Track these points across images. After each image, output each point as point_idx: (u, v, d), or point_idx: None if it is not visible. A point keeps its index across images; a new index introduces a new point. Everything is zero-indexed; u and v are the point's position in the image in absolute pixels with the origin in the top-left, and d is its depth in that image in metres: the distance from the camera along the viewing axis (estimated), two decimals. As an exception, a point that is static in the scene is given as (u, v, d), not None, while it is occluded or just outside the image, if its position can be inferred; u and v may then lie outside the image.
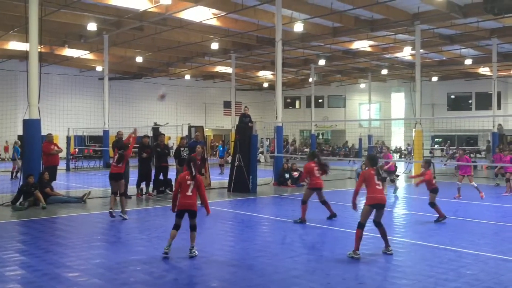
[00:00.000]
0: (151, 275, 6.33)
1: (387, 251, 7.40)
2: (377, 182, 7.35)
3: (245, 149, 15.80)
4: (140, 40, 26.38)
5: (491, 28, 24.70)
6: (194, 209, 7.24)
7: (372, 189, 7.34)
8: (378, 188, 7.36)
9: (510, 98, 41.95)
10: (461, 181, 14.34)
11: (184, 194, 7.22)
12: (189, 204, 7.21)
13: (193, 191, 7.24)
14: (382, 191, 7.41)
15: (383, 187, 7.51)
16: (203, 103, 44.44)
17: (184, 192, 7.22)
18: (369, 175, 7.41)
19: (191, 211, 7.23)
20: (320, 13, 20.92)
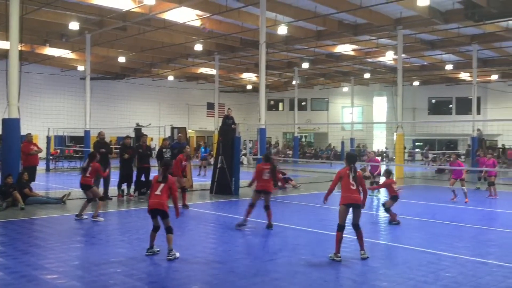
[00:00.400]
0: (131, 277, 6.27)
1: (362, 255, 7.31)
2: (351, 182, 7.28)
3: (228, 151, 15.77)
4: (123, 40, 26.19)
5: (472, 34, 25.13)
6: (162, 208, 7.10)
7: (345, 188, 7.31)
8: (352, 188, 7.27)
9: (490, 103, 42.67)
10: (453, 184, 14.54)
11: (153, 194, 7.21)
12: (157, 203, 7.12)
13: (163, 191, 7.17)
14: (356, 191, 7.30)
15: (357, 187, 7.32)
16: (186, 104, 44.26)
17: (154, 192, 7.22)
18: (344, 174, 7.37)
19: (160, 211, 7.12)
20: (304, 16, 21.04)
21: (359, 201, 7.31)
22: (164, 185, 7.20)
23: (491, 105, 42.48)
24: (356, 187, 7.28)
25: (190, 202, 13.64)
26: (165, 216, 7.13)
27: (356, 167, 7.54)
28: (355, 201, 7.27)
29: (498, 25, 22.68)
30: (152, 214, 7.22)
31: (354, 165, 7.45)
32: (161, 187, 7.18)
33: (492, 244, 8.63)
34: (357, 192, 7.29)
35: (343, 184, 7.32)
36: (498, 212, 12.94)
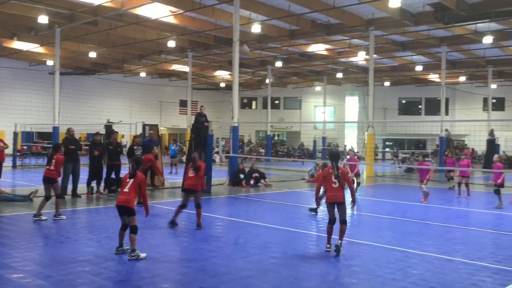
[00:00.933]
0: (99, 276, 6.16)
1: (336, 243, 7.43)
2: (333, 181, 7.47)
3: (200, 148, 15.67)
4: (94, 35, 25.74)
5: (441, 36, 25.68)
6: (128, 206, 6.94)
7: (329, 188, 7.56)
8: (334, 186, 7.48)
9: (458, 104, 43.74)
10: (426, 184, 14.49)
11: (122, 191, 7.10)
12: (124, 200, 6.97)
13: (131, 188, 7.01)
14: (338, 189, 7.49)
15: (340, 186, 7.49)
16: (158, 101, 43.84)
17: (122, 189, 7.10)
18: (327, 174, 7.58)
19: (125, 207, 6.96)
20: (278, 15, 21.10)
21: (341, 199, 7.50)
22: (132, 182, 7.04)
23: (459, 106, 43.56)
24: (339, 184, 7.45)
25: (162, 200, 13.53)
26: (130, 214, 6.97)
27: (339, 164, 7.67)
28: (337, 199, 7.51)
29: (467, 28, 23.23)
30: (119, 211, 7.08)
31: (337, 163, 7.59)
32: (129, 184, 7.03)
33: (458, 242, 8.83)
34: (339, 190, 7.49)
35: (327, 183, 7.56)
36: (464, 210, 13.26)
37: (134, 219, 6.98)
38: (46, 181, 10.06)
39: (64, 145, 13.39)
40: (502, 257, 7.61)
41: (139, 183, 7.05)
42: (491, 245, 8.64)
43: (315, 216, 11.33)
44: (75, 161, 13.36)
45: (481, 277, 6.49)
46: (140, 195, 7.26)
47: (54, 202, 10.13)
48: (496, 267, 6.98)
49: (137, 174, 7.11)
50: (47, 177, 10.01)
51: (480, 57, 30.33)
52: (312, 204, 14.10)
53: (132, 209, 6.97)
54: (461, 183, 15.75)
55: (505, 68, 34.05)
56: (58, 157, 10.15)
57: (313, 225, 10.29)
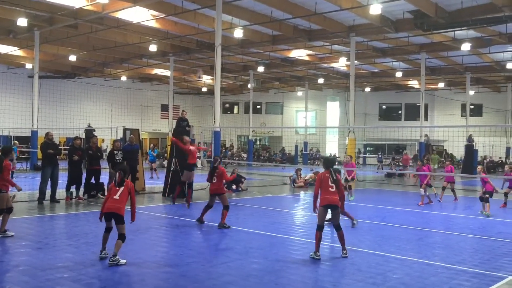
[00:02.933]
0: (78, 283, 6.08)
1: (343, 255, 7.68)
2: (330, 185, 7.64)
3: (181, 153, 15.60)
4: (74, 39, 25.47)
5: (420, 43, 26.11)
6: (119, 213, 6.99)
7: (325, 191, 7.65)
8: (331, 190, 7.64)
9: (437, 110, 44.41)
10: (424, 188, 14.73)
11: (112, 198, 7.08)
12: (115, 207, 6.99)
13: (122, 195, 7.06)
14: (335, 193, 7.66)
15: (336, 190, 7.68)
16: (139, 106, 43.50)
17: (112, 196, 7.09)
18: (324, 178, 7.71)
19: (116, 214, 6.99)
20: (260, 20, 21.18)
21: (337, 202, 7.66)
22: (123, 189, 7.07)
23: (437, 112, 44.23)
24: (335, 189, 7.63)
25: (142, 205, 13.41)
26: (120, 222, 7.01)
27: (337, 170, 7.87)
28: (333, 202, 7.63)
29: (445, 35, 23.65)
30: (107, 217, 7.08)
31: (333, 169, 7.77)
32: (120, 192, 7.05)
33: (437, 246, 8.94)
34: (335, 194, 7.66)
35: (323, 186, 7.66)
36: (443, 215, 13.44)
37: (123, 227, 7.01)
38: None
39: (43, 149, 13.23)
40: (480, 261, 7.74)
41: (129, 190, 7.14)
42: (469, 249, 8.77)
43: (296, 221, 11.36)
44: (53, 165, 13.18)
45: (460, 280, 6.58)
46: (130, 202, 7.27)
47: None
48: (474, 271, 7.09)
49: (126, 182, 7.17)
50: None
51: (458, 64, 30.90)
52: (295, 209, 14.14)
53: (122, 216, 7.02)
54: (445, 188, 15.90)
55: (482, 75, 34.73)
56: (5, 163, 8.76)
57: (295, 230, 10.31)
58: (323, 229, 7.69)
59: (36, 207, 12.46)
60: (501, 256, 8.11)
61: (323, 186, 7.69)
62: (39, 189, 13.02)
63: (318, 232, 7.61)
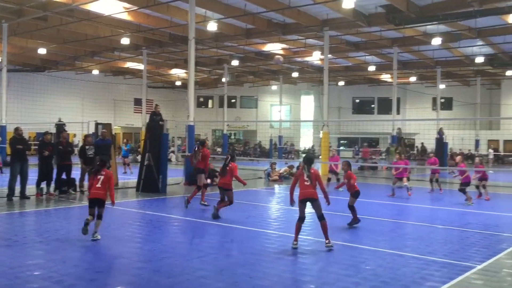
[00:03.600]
0: (49, 280, 5.96)
1: (326, 245, 7.81)
2: (305, 179, 7.83)
3: (155, 148, 15.47)
4: (43, 31, 24.87)
5: (393, 38, 26.42)
6: (102, 198, 8.19)
7: (301, 186, 7.90)
8: (306, 184, 7.82)
9: (409, 103, 45.12)
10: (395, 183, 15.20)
11: (95, 187, 8.25)
12: (98, 193, 8.19)
13: (102, 184, 8.23)
14: (309, 187, 7.81)
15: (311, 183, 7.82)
16: (112, 100, 42.82)
17: (95, 184, 8.27)
18: (298, 174, 8.08)
19: (99, 200, 8.18)
20: (234, 13, 21.07)
21: (312, 195, 7.82)
22: (103, 179, 8.24)
23: (409, 106, 44.96)
24: (311, 183, 7.82)
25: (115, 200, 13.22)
26: (102, 205, 8.23)
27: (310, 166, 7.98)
28: (310, 195, 7.80)
29: (417, 30, 23.99)
30: (92, 203, 8.22)
31: (309, 166, 7.94)
32: (101, 181, 8.23)
33: (409, 238, 9.11)
34: (310, 187, 7.83)
35: (300, 182, 7.94)
36: (414, 206, 13.69)
37: (103, 210, 8.28)
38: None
39: (12, 144, 12.91)
40: (450, 251, 7.91)
41: (108, 179, 8.30)
42: (440, 240, 8.95)
43: (271, 215, 11.40)
44: (23, 161, 12.87)
45: (430, 271, 6.72)
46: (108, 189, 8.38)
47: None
48: (444, 261, 7.24)
49: (106, 171, 8.38)
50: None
51: (429, 58, 31.41)
52: (270, 203, 14.18)
53: (104, 200, 8.29)
54: (432, 180, 16.53)
55: (452, 69, 35.41)
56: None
57: (269, 224, 10.34)
58: (304, 221, 7.85)
59: (5, 203, 12.16)
60: (470, 246, 8.31)
61: (299, 182, 7.94)
62: (8, 185, 12.71)
63: (298, 223, 7.84)
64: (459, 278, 6.41)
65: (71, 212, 11.52)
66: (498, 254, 7.77)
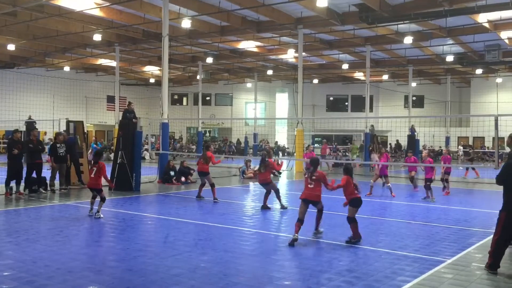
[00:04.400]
0: (19, 281, 5.84)
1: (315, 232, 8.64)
2: (310, 182, 8.33)
3: (128, 145, 15.30)
4: (12, 27, 24.21)
5: (366, 36, 26.72)
6: (97, 187, 10.16)
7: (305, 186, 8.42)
8: (310, 186, 8.32)
9: (381, 101, 45.73)
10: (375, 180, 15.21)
11: (90, 176, 10.22)
12: (92, 184, 10.21)
13: (96, 174, 10.05)
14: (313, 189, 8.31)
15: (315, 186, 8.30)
16: (84, 97, 42.11)
17: (90, 175, 10.21)
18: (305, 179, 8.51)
19: (96, 189, 10.19)
20: (208, 10, 20.95)
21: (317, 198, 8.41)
22: (96, 170, 10.03)
23: (382, 103, 45.58)
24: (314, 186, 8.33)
25: (87, 199, 13.03)
26: (100, 191, 10.17)
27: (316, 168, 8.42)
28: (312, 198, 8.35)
29: (389, 28, 24.32)
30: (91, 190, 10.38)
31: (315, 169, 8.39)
32: (94, 171, 10.06)
33: (381, 233, 9.25)
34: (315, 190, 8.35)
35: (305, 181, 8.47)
36: (388, 203, 13.90)
37: (103, 193, 10.23)
38: None
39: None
40: (421, 246, 8.07)
41: (99, 169, 10.07)
42: (411, 235, 9.11)
43: (245, 212, 11.41)
44: None
45: (401, 265, 6.84)
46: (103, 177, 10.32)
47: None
48: (415, 256, 7.38)
49: (98, 163, 10.11)
50: None
51: (401, 57, 31.89)
52: (244, 201, 14.18)
53: (101, 188, 10.20)
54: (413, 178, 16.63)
55: (423, 67, 36.05)
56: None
57: (244, 221, 10.35)
58: (303, 222, 8.12)
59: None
60: (440, 241, 8.49)
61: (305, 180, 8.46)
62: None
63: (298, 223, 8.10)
64: (429, 272, 6.55)
65: (42, 212, 11.30)
66: (467, 248, 7.97)
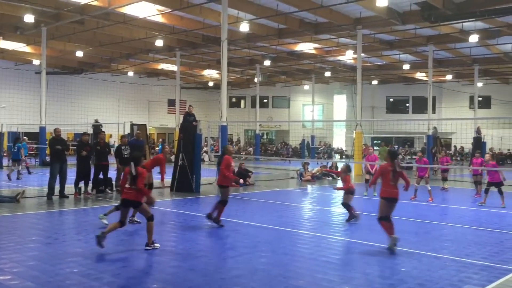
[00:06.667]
0: (88, 277, 6.13)
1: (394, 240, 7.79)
2: (390, 178, 7.83)
3: (189, 148, 15.67)
4: (80, 34, 25.54)
5: (428, 35, 25.88)
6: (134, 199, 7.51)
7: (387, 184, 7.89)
8: (391, 184, 7.85)
9: (444, 102, 44.10)
10: (418, 183, 14.57)
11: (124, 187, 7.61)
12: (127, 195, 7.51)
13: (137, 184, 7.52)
14: (395, 186, 7.88)
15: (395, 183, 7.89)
16: (146, 101, 43.61)
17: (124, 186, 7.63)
18: (386, 171, 7.92)
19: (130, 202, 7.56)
20: (266, 14, 21.10)
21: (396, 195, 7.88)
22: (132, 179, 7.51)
23: (445, 104, 43.93)
24: (395, 183, 7.88)
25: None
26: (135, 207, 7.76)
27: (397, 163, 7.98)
28: (395, 195, 7.89)
29: (453, 27, 23.44)
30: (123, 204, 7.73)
31: (393, 161, 7.91)
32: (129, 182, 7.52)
33: (445, 239, 8.91)
34: (395, 187, 7.89)
35: (385, 180, 7.90)
36: (451, 208, 13.39)
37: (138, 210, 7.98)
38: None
39: (51, 145, 13.32)
40: (489, 254, 7.70)
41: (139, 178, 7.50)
42: (478, 242, 8.72)
43: (304, 215, 11.36)
44: (62, 161, 13.26)
45: (468, 273, 6.55)
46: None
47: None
48: (483, 264, 7.06)
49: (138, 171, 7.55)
50: None
51: (466, 56, 30.62)
52: (302, 203, 14.13)
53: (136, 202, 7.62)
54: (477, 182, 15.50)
55: (490, 66, 34.42)
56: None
57: (302, 224, 10.32)
58: (389, 219, 7.87)
59: (45, 202, 12.56)
60: (510, 249, 8.08)
61: (384, 179, 7.89)
62: (48, 184, 13.12)
63: (383, 222, 7.88)
64: (498, 281, 6.24)
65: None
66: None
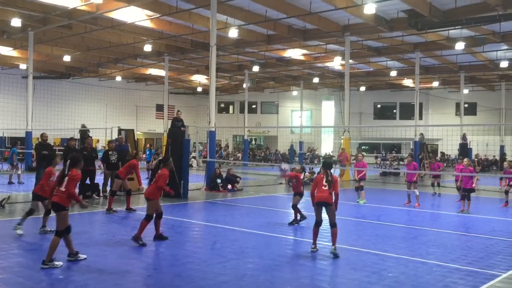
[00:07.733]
0: (73, 284, 6.07)
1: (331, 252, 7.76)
2: (324, 184, 7.94)
3: (177, 153, 15.61)
4: (68, 39, 25.37)
5: (415, 42, 26.17)
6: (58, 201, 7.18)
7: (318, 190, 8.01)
8: (324, 188, 7.92)
9: (431, 109, 44.55)
10: (409, 188, 14.40)
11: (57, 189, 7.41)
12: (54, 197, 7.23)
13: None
14: (326, 191, 7.87)
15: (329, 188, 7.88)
16: (134, 106, 43.42)
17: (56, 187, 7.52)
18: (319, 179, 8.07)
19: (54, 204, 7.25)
20: (255, 20, 21.17)
21: (329, 200, 7.87)
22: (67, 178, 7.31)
23: (432, 111, 44.38)
24: (328, 188, 7.89)
25: (138, 205, 13.38)
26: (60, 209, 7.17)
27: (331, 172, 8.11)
28: (324, 199, 7.88)
29: (439, 34, 23.72)
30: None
31: (329, 171, 8.04)
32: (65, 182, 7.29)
33: (432, 245, 8.97)
34: (328, 192, 7.88)
35: (318, 186, 8.02)
36: (438, 213, 13.49)
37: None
38: None
39: (37, 150, 13.20)
40: (474, 259, 7.77)
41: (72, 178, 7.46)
42: (463, 247, 8.80)
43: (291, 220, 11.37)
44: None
45: (454, 278, 6.61)
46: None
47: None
48: (468, 269, 7.12)
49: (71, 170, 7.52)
50: None
51: (452, 63, 31.00)
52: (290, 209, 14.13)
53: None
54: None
55: (476, 73, 34.88)
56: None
57: (289, 230, 10.32)
58: (321, 224, 8.01)
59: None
60: (495, 254, 8.16)
61: (318, 186, 8.01)
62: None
63: (315, 227, 8.03)
64: (483, 286, 6.31)
65: (95, 217, 11.70)
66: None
